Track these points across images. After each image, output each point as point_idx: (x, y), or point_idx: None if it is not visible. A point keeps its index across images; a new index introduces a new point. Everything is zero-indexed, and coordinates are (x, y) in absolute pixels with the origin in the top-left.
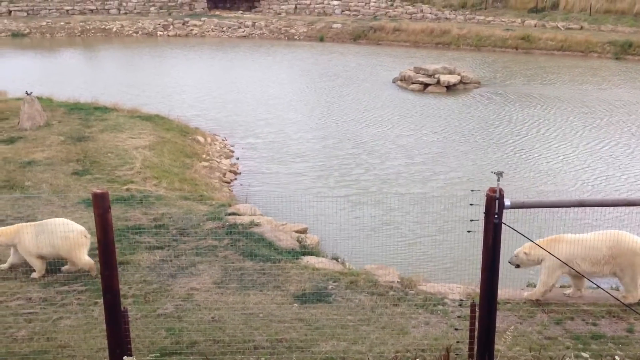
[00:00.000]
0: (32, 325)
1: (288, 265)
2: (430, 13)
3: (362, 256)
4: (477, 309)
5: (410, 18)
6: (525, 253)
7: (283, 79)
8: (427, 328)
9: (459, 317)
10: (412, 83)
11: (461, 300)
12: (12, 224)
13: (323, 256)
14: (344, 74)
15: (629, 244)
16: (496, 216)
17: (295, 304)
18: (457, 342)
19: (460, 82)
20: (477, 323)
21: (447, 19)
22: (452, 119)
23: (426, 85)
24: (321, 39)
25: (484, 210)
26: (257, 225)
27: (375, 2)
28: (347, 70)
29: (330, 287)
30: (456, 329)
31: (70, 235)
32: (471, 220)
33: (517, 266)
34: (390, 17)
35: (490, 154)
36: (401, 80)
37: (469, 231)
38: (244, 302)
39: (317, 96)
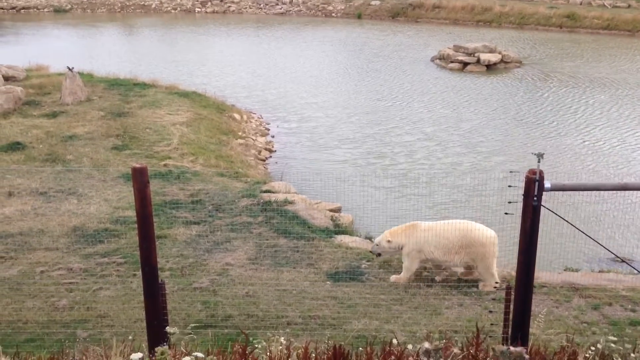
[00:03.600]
0: (72, 294)
1: (321, 243)
2: None
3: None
4: (512, 292)
5: None
6: (388, 241)
7: (319, 56)
8: (461, 309)
9: (493, 299)
10: (451, 62)
11: (496, 282)
12: (54, 196)
13: (357, 235)
14: (381, 52)
15: (476, 236)
16: (535, 198)
17: (328, 282)
18: (491, 324)
19: (501, 61)
20: (512, 306)
21: None
22: (491, 98)
23: (465, 64)
24: (359, 17)
25: (522, 192)
26: (291, 203)
27: None
28: (384, 49)
29: (363, 266)
30: (490, 312)
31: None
32: (509, 202)
33: (379, 255)
34: None
35: (531, 134)
36: (440, 58)
37: (506, 213)
38: (277, 278)
39: (353, 74)
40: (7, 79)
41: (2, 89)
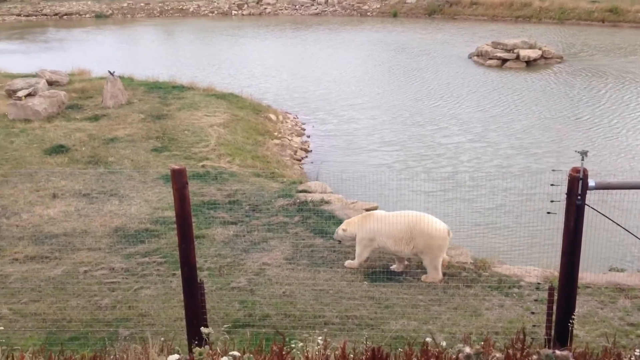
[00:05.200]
0: (114, 293)
1: None
2: None
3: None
4: (555, 293)
5: None
6: (343, 230)
7: (355, 56)
8: (502, 311)
9: (535, 300)
10: (490, 58)
11: (538, 283)
12: (97, 198)
13: None
14: (418, 49)
15: (426, 227)
16: (579, 197)
17: (365, 282)
18: (533, 325)
19: (542, 57)
20: (554, 307)
21: None
22: (532, 95)
23: (504, 60)
24: (394, 15)
25: (566, 191)
26: (327, 202)
27: None
28: (421, 46)
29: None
30: (532, 313)
31: None
32: (552, 201)
33: (339, 242)
34: None
35: (573, 132)
36: (478, 55)
37: (548, 212)
38: (314, 278)
39: (393, 74)
40: (51, 83)
41: (46, 94)
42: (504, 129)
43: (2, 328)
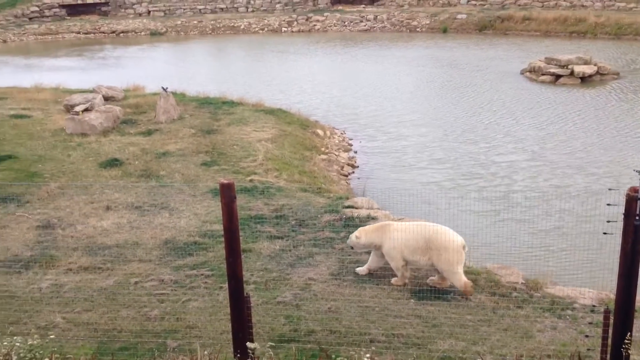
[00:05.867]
0: (163, 305)
1: None
2: (564, 0)
3: (483, 255)
4: (611, 316)
5: (542, 6)
6: (356, 237)
7: (404, 72)
8: (554, 333)
9: (590, 323)
10: (543, 74)
11: (593, 306)
12: (148, 210)
13: None
14: (469, 65)
15: (440, 239)
16: (637, 218)
17: (412, 300)
18: (588, 349)
19: (597, 73)
20: (610, 331)
21: (583, 6)
22: (590, 112)
23: (558, 76)
24: (444, 31)
25: (623, 212)
26: (373, 219)
27: None
28: (472, 62)
29: (449, 284)
30: (587, 336)
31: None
32: (608, 222)
33: (352, 248)
34: (519, 5)
35: (631, 151)
36: (530, 71)
37: (605, 233)
38: (360, 294)
39: (440, 89)
40: (107, 99)
41: (102, 109)
42: (561, 147)
43: (53, 336)
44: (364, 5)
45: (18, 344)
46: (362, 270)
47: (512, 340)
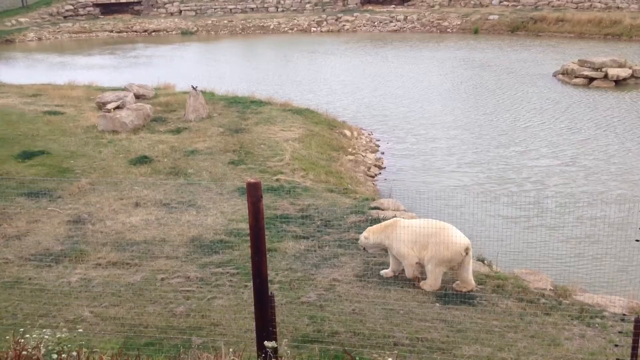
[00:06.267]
0: (189, 302)
1: None
2: (599, 2)
3: (510, 260)
4: None
5: (576, 7)
6: (365, 237)
7: (435, 73)
8: (582, 341)
9: (619, 332)
10: (576, 77)
11: (623, 314)
12: (176, 207)
13: None
14: (501, 67)
15: (445, 237)
16: None
17: (437, 304)
18: (617, 359)
19: (632, 76)
20: None
21: (618, 8)
22: (628, 117)
23: (591, 79)
24: (475, 32)
25: None
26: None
27: None
28: (503, 64)
29: (475, 289)
30: (616, 345)
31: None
32: None
33: (364, 249)
34: (553, 7)
35: None
36: (563, 74)
37: (637, 240)
38: (384, 297)
39: (472, 91)
40: (138, 97)
41: (133, 107)
42: (597, 153)
43: (81, 330)
44: (394, 6)
45: (47, 337)
46: (386, 272)
47: (539, 348)
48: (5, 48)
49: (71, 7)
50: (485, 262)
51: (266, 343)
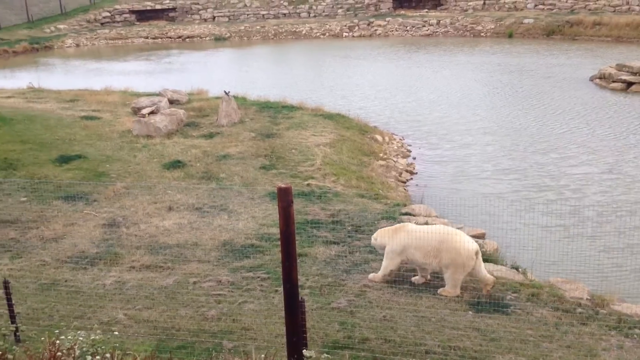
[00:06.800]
0: (220, 306)
1: None
2: (637, 5)
3: (546, 268)
4: None
5: (614, 11)
6: (374, 238)
7: (470, 78)
8: (621, 352)
9: None
10: (613, 82)
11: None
12: (208, 212)
13: (502, 264)
14: (537, 72)
15: (454, 243)
16: None
17: (469, 312)
18: None
19: None
20: None
21: None
22: None
23: (630, 84)
24: (510, 35)
25: None
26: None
27: None
28: (539, 68)
29: (508, 297)
30: None
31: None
32: None
33: (376, 250)
34: (590, 10)
35: None
36: (600, 78)
37: None
38: (416, 304)
39: (508, 96)
40: (172, 102)
41: (167, 112)
42: (638, 160)
43: (116, 333)
44: (426, 10)
45: (81, 339)
46: (417, 279)
47: (576, 358)
48: (45, 54)
49: (108, 14)
50: (520, 270)
51: (305, 352)
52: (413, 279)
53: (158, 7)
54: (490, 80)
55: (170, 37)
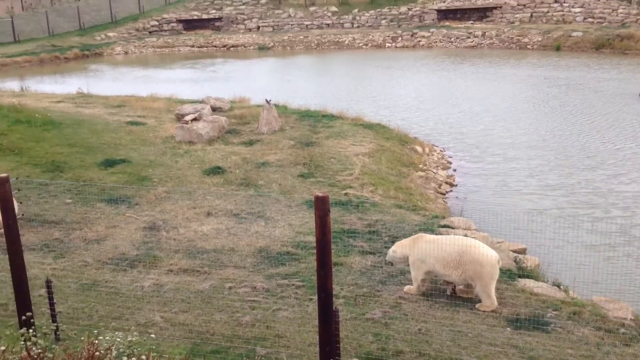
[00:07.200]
0: (255, 312)
1: (502, 286)
2: None
3: (589, 287)
4: None
5: None
6: (393, 251)
7: (516, 91)
8: None
9: None
10: None
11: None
12: (245, 218)
13: (543, 281)
14: (586, 86)
15: (475, 254)
16: None
17: (508, 328)
18: None
19: None
20: None
21: None
22: None
23: None
24: (557, 48)
25: None
26: None
27: (624, 8)
28: (588, 82)
29: (549, 315)
30: None
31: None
32: None
33: (392, 264)
34: None
35: None
36: None
37: None
38: (452, 318)
39: (556, 111)
40: (214, 109)
41: (209, 119)
42: None
43: (153, 336)
44: (472, 21)
45: (119, 339)
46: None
47: None
48: (94, 60)
49: (156, 22)
50: (561, 287)
51: None
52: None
53: (204, 16)
54: (537, 94)
55: (215, 46)
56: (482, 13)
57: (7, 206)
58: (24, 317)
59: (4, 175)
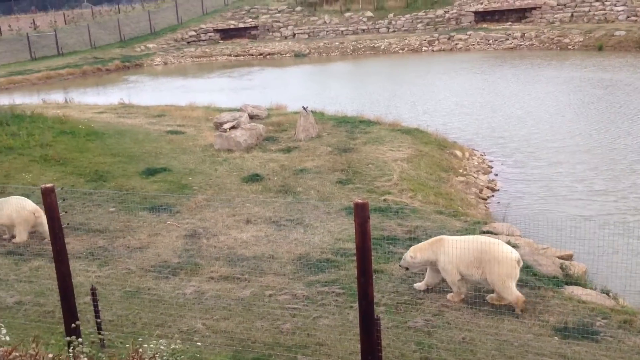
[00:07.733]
0: (295, 320)
1: (548, 293)
2: None
3: None
4: None
5: None
6: (411, 256)
7: (559, 92)
8: None
9: None
10: None
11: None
12: (284, 225)
13: (591, 288)
14: (632, 86)
15: (494, 252)
16: None
17: (555, 337)
18: None
19: None
20: None
21: None
22: None
23: None
24: (600, 48)
25: None
26: (514, 246)
27: None
28: (635, 82)
29: (598, 323)
30: None
31: None
32: None
33: (407, 269)
34: None
35: None
36: None
37: None
38: (497, 327)
39: (603, 113)
40: (252, 117)
41: (247, 126)
42: None
43: (199, 344)
44: (510, 23)
45: (162, 347)
46: (420, 285)
47: None
48: (135, 71)
49: (194, 33)
50: (611, 295)
51: None
52: (415, 285)
53: (241, 25)
54: (583, 96)
55: (252, 54)
56: (520, 14)
57: (53, 216)
58: (73, 325)
59: (49, 185)
